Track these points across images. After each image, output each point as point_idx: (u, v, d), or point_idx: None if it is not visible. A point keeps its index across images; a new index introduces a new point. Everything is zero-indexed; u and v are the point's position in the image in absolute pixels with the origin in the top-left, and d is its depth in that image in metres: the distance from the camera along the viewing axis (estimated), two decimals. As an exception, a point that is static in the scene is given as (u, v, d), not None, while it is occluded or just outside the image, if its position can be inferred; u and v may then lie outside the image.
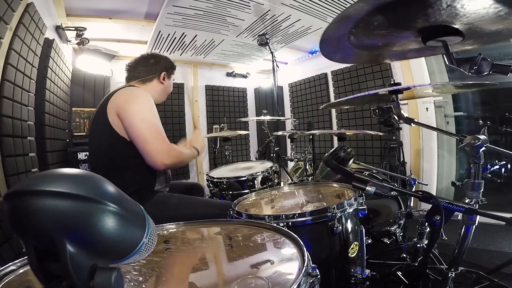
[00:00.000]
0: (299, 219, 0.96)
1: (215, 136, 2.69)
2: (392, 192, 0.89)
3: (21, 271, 0.62)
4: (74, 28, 2.50)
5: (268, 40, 2.81)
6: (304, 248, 0.64)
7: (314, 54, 3.89)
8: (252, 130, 4.49)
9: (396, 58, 1.10)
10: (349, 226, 1.04)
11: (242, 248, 0.78)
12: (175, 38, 2.94)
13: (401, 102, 1.12)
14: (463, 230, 1.00)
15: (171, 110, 3.74)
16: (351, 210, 1.04)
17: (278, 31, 2.88)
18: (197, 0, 2.22)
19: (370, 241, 1.33)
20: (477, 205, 0.99)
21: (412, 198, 1.40)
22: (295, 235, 0.73)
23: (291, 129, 3.23)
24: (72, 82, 2.81)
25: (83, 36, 2.59)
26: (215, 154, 2.92)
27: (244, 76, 4.44)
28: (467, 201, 1.01)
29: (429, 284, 1.26)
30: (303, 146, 4.01)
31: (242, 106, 4.44)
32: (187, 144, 1.53)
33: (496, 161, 1.21)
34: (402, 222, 1.65)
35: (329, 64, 3.67)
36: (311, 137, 2.79)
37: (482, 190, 1.00)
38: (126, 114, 1.26)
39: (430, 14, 0.71)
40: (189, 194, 1.59)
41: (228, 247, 0.80)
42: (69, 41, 2.65)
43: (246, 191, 1.85)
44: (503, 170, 2.11)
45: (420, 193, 0.89)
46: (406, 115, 1.10)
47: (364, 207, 1.08)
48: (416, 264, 1.24)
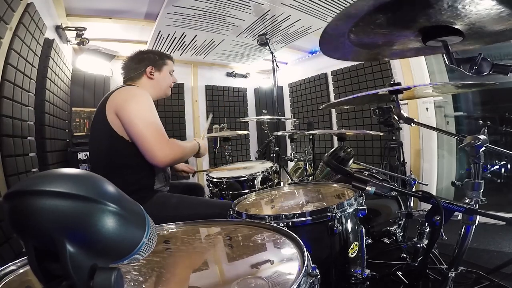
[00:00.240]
0: (299, 219, 0.96)
1: (215, 136, 2.68)
2: (392, 192, 0.89)
3: (21, 271, 0.62)
4: (74, 28, 2.50)
5: (268, 40, 2.81)
6: (304, 248, 0.64)
7: (314, 54, 3.89)
8: (252, 130, 4.49)
9: (396, 56, 1.10)
10: (349, 226, 1.04)
11: (242, 248, 0.78)
12: (175, 38, 2.94)
13: (401, 102, 1.12)
14: (463, 230, 1.00)
15: (171, 110, 3.74)
16: (351, 210, 1.04)
17: (278, 31, 2.88)
18: (197, 0, 2.22)
19: (370, 241, 1.33)
20: (477, 205, 0.99)
21: (412, 198, 1.40)
22: (295, 235, 0.73)
23: (291, 129, 3.23)
24: (72, 82, 2.81)
25: (83, 36, 2.59)
26: (215, 154, 2.91)
27: (244, 76, 4.44)
28: (467, 201, 1.01)
29: (429, 284, 1.26)
30: (303, 146, 4.01)
31: (242, 106, 4.44)
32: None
33: (496, 161, 1.21)
34: (402, 222, 1.65)
35: (329, 64, 3.67)
36: (311, 137, 2.79)
37: (482, 190, 1.00)
38: (125, 113, 1.26)
39: (431, 14, 0.71)
40: (189, 194, 1.59)
41: (228, 247, 0.80)
42: (69, 41, 2.65)
43: (246, 191, 1.85)
44: (503, 170, 2.11)
45: (420, 193, 0.89)
46: (406, 115, 1.10)
47: (364, 207, 1.08)
48: (416, 264, 1.24)
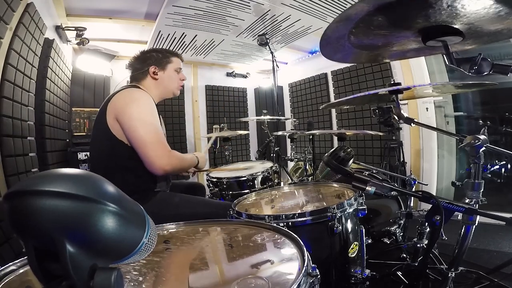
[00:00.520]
0: (299, 219, 0.96)
1: (215, 136, 2.68)
2: (392, 192, 0.89)
3: (21, 271, 0.62)
4: (74, 28, 2.50)
5: (268, 40, 2.81)
6: (304, 248, 0.64)
7: (314, 54, 3.89)
8: (252, 130, 4.49)
9: (395, 57, 1.10)
10: (349, 226, 1.04)
11: (242, 248, 0.78)
12: (175, 38, 2.94)
13: (401, 102, 1.12)
14: (463, 230, 1.00)
15: (171, 110, 3.74)
16: (351, 210, 1.04)
17: (278, 31, 2.88)
18: (197, 0, 2.22)
19: (370, 241, 1.33)
20: (477, 205, 0.99)
21: (412, 198, 1.40)
22: (295, 235, 0.73)
23: (291, 129, 3.23)
24: (72, 82, 2.81)
25: (83, 36, 2.59)
26: (215, 154, 2.91)
27: (244, 76, 4.44)
28: (467, 201, 1.01)
29: (429, 284, 1.26)
30: (303, 146, 4.01)
31: (242, 106, 4.44)
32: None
33: (496, 161, 1.20)
34: (402, 222, 1.65)
35: (329, 64, 3.67)
36: (311, 137, 2.79)
37: (482, 190, 1.00)
38: (125, 118, 1.24)
39: (431, 14, 0.71)
40: (190, 193, 1.59)
41: (228, 247, 0.80)
42: (69, 41, 2.65)
43: (246, 191, 1.85)
44: (503, 170, 2.10)
45: (420, 193, 0.89)
46: (406, 115, 1.10)
47: (364, 207, 1.08)
48: (416, 264, 1.24)
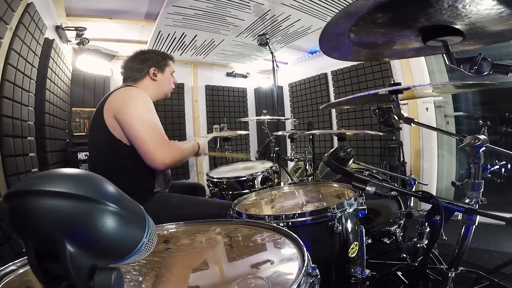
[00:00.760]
0: (299, 219, 0.96)
1: (215, 136, 2.68)
2: (392, 192, 0.89)
3: (21, 271, 0.62)
4: (74, 28, 2.50)
5: (268, 40, 2.81)
6: (304, 248, 0.64)
7: (314, 54, 3.89)
8: (252, 130, 4.49)
9: (395, 56, 1.10)
10: (349, 226, 1.04)
11: (242, 248, 0.78)
12: (175, 38, 2.94)
13: (401, 102, 1.12)
14: (463, 230, 1.00)
15: (171, 110, 3.74)
16: (351, 210, 1.04)
17: (278, 31, 2.88)
18: (197, 0, 2.22)
19: (370, 241, 1.33)
20: (477, 205, 0.99)
21: (412, 198, 1.40)
22: (295, 235, 0.73)
23: (291, 129, 3.23)
24: (72, 82, 2.81)
25: (83, 36, 2.59)
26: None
27: (244, 76, 4.44)
28: (467, 201, 1.01)
29: (429, 284, 1.26)
30: (303, 146, 4.01)
31: (242, 106, 4.44)
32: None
33: (496, 161, 1.20)
34: (402, 222, 1.65)
35: (329, 64, 3.67)
36: (311, 137, 2.79)
37: (482, 190, 1.00)
38: (123, 115, 1.24)
39: (431, 14, 0.71)
40: (190, 194, 1.59)
41: (228, 247, 0.80)
42: (69, 41, 2.65)
43: (246, 191, 1.85)
44: (503, 170, 2.10)
45: (420, 193, 0.89)
46: (406, 115, 1.10)
47: (364, 207, 1.08)
48: (416, 264, 1.24)
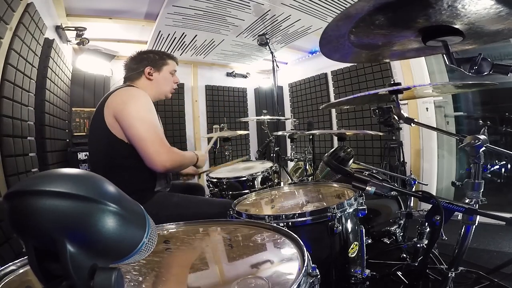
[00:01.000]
0: (299, 219, 0.96)
1: (216, 137, 2.68)
2: (392, 192, 0.89)
3: (21, 271, 0.62)
4: (74, 28, 2.50)
5: (268, 40, 2.81)
6: (304, 248, 0.64)
7: (314, 54, 3.89)
8: (252, 130, 4.49)
9: (396, 57, 1.10)
10: (349, 226, 1.04)
11: (242, 248, 0.78)
12: (175, 38, 2.94)
13: (401, 102, 1.12)
14: (463, 230, 1.00)
15: (171, 110, 3.75)
16: (351, 210, 1.04)
17: (278, 31, 2.88)
18: (197, 0, 2.22)
19: (370, 241, 1.33)
20: (477, 205, 0.99)
21: (412, 198, 1.40)
22: (295, 235, 0.73)
23: (291, 129, 3.23)
24: (72, 82, 2.81)
25: (83, 36, 2.59)
26: (215, 154, 2.91)
27: (244, 76, 4.44)
28: (467, 201, 1.00)
29: (429, 284, 1.26)
30: (303, 146, 4.01)
31: (242, 106, 4.44)
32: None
33: (496, 161, 1.20)
34: (402, 222, 1.65)
35: (329, 64, 3.67)
36: (311, 137, 2.79)
37: (482, 190, 1.00)
38: (124, 115, 1.24)
39: (431, 14, 0.71)
40: (190, 194, 1.59)
41: (228, 247, 0.80)
42: (69, 41, 2.65)
43: (246, 191, 1.85)
44: (503, 170, 2.11)
45: (420, 193, 0.89)
46: (406, 115, 1.10)
47: (364, 207, 1.08)
48: (416, 264, 1.24)
